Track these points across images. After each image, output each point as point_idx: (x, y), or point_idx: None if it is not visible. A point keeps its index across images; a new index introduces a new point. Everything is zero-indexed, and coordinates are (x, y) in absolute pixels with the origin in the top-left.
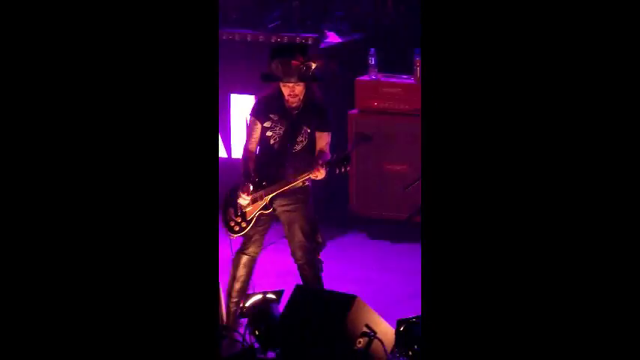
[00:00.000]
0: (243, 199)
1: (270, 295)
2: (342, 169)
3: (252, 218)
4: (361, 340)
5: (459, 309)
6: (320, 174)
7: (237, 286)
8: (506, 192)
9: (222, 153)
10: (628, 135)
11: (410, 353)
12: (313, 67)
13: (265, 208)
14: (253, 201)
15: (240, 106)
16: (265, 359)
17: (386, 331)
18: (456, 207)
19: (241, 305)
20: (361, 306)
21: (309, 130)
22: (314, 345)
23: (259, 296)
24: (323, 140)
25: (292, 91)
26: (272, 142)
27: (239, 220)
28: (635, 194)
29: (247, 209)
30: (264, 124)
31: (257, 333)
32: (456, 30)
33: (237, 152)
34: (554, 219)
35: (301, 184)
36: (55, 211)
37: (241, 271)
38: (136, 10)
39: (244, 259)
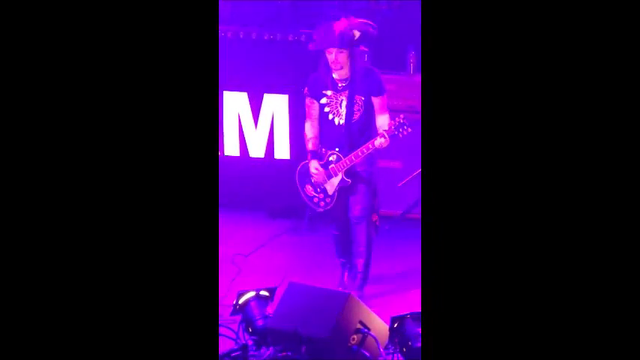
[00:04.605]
0: (317, 174)
1: (263, 292)
2: (404, 132)
3: (334, 194)
4: (355, 336)
5: (459, 308)
6: (383, 141)
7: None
8: (506, 190)
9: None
10: (628, 135)
11: (404, 350)
12: (357, 36)
13: (343, 182)
14: (328, 177)
15: (273, 106)
16: (259, 356)
17: (380, 327)
18: (456, 206)
19: (234, 302)
20: (355, 303)
21: (363, 98)
22: (307, 342)
23: (252, 293)
24: (379, 104)
25: (335, 59)
26: (331, 116)
27: (322, 197)
28: (635, 194)
29: (326, 186)
30: (321, 102)
31: (250, 330)
32: (455, 28)
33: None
34: (553, 218)
35: (367, 150)
36: (56, 214)
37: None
38: (135, 10)
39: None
